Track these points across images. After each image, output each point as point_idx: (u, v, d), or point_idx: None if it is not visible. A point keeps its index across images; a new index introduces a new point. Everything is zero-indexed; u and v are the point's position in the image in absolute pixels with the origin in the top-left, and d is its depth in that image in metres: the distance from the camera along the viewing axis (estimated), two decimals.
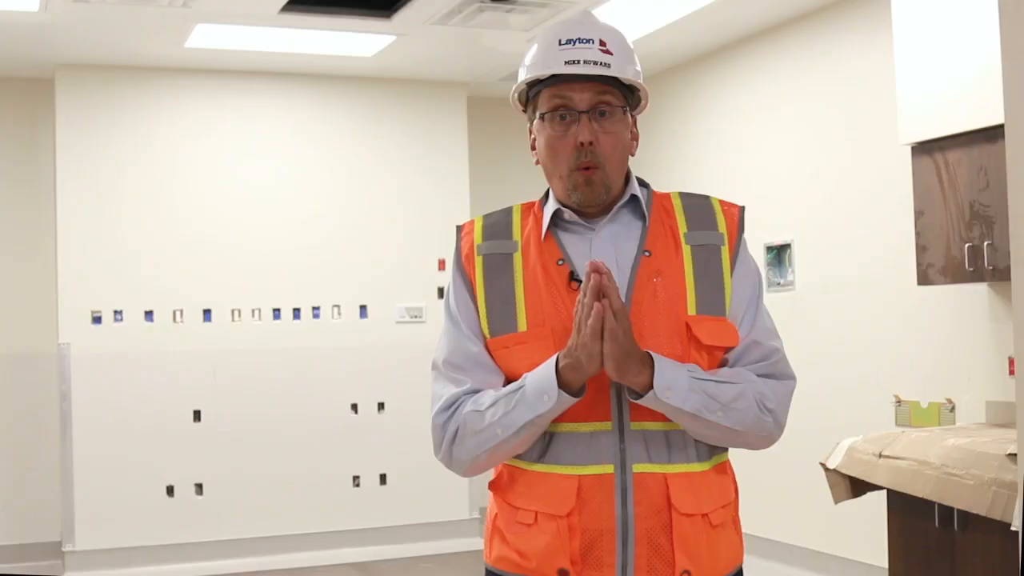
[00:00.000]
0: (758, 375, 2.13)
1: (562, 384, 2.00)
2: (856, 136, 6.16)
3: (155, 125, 7.35)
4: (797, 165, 6.59)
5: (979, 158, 4.86)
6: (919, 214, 5.19)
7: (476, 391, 2.14)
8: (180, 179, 7.38)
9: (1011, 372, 5.19)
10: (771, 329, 2.20)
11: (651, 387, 1.98)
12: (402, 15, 6.32)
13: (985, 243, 4.82)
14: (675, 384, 1.99)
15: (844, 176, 6.25)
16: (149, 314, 7.27)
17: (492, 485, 2.23)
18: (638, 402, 2.01)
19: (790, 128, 6.66)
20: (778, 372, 2.17)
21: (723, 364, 2.16)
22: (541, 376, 2.02)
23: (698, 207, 2.21)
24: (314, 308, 7.67)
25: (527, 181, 8.35)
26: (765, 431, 2.12)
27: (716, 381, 2.05)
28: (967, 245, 4.90)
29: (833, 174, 6.32)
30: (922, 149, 5.16)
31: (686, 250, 2.13)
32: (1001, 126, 4.58)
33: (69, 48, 6.81)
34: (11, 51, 6.82)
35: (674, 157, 7.50)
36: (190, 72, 7.41)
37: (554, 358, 2.02)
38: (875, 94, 5.93)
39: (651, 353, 2.00)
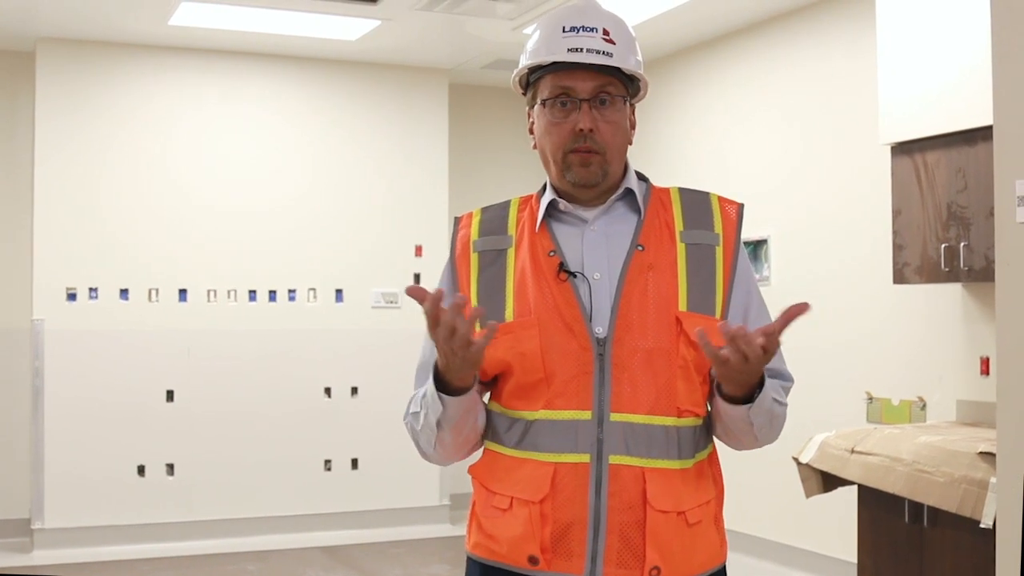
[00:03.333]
0: None
1: (443, 387, 2.05)
2: (836, 135, 6.20)
3: (136, 102, 7.31)
4: (776, 161, 6.64)
5: (958, 159, 4.91)
6: (896, 213, 5.24)
7: None
8: (159, 158, 7.34)
9: (983, 372, 5.26)
10: (781, 352, 2.22)
11: (750, 399, 2.05)
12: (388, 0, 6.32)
13: (961, 244, 4.87)
14: (763, 401, 2.06)
15: (823, 174, 6.29)
16: (124, 292, 7.24)
17: (472, 469, 2.22)
18: (725, 402, 2.07)
19: (770, 124, 6.70)
20: (784, 399, 2.22)
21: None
22: (431, 381, 2.08)
23: (696, 205, 2.21)
24: (290, 291, 7.66)
25: (506, 169, 8.43)
26: (767, 442, 2.20)
27: (780, 403, 2.13)
28: (943, 245, 4.95)
29: (812, 171, 6.37)
30: (902, 149, 5.21)
31: (680, 247, 2.14)
32: (980, 129, 4.66)
33: (52, 22, 6.76)
34: None
35: (653, 150, 7.53)
36: (173, 50, 7.37)
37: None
38: (856, 94, 5.98)
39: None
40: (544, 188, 2.23)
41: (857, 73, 5.97)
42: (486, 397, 2.24)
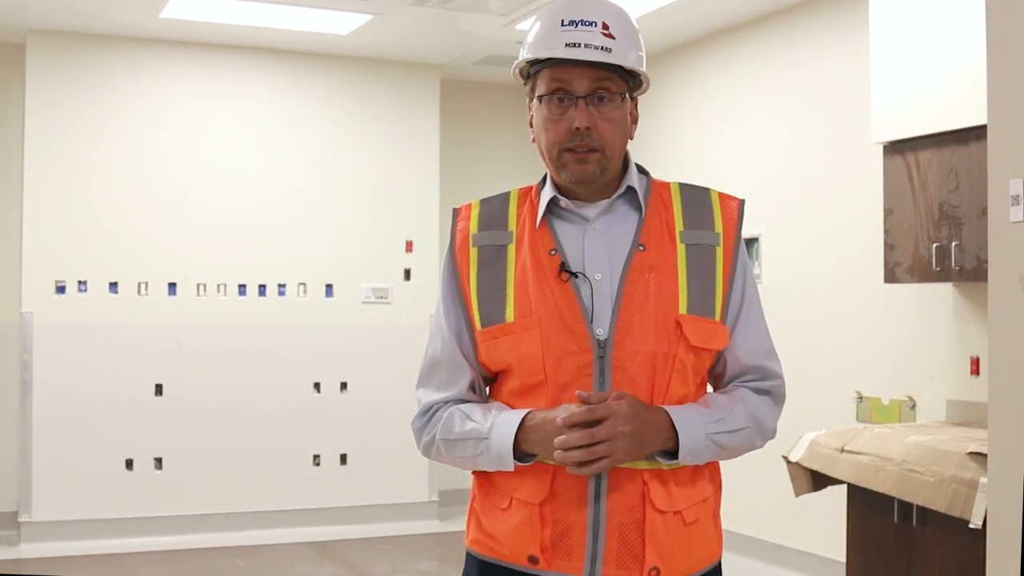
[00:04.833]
0: (756, 390, 2.18)
1: (519, 454, 2.05)
2: (828, 133, 6.20)
3: (127, 95, 7.28)
4: (768, 159, 6.63)
5: (950, 159, 4.91)
6: (888, 213, 5.23)
7: (449, 400, 2.17)
8: (150, 151, 7.31)
9: (973, 372, 5.26)
10: (772, 349, 2.21)
11: (674, 453, 2.04)
12: None
13: (952, 244, 4.87)
14: (696, 448, 2.05)
15: (815, 172, 6.29)
16: (114, 285, 7.21)
17: None
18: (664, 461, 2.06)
19: (763, 123, 6.70)
20: (778, 396, 2.21)
21: (716, 368, 2.18)
22: (503, 439, 2.06)
23: (696, 203, 2.18)
24: (280, 285, 7.64)
25: (498, 165, 8.42)
26: (752, 450, 2.18)
27: (728, 432, 2.09)
28: (935, 245, 4.95)
29: (804, 170, 6.37)
30: (894, 148, 5.21)
31: (680, 248, 2.12)
32: (973, 128, 4.65)
33: (42, 13, 6.72)
34: None
35: (646, 147, 7.51)
36: (164, 43, 7.34)
37: (518, 421, 2.05)
38: (849, 92, 5.97)
39: (669, 413, 2.03)
40: (544, 180, 2.19)
41: (850, 72, 5.96)
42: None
